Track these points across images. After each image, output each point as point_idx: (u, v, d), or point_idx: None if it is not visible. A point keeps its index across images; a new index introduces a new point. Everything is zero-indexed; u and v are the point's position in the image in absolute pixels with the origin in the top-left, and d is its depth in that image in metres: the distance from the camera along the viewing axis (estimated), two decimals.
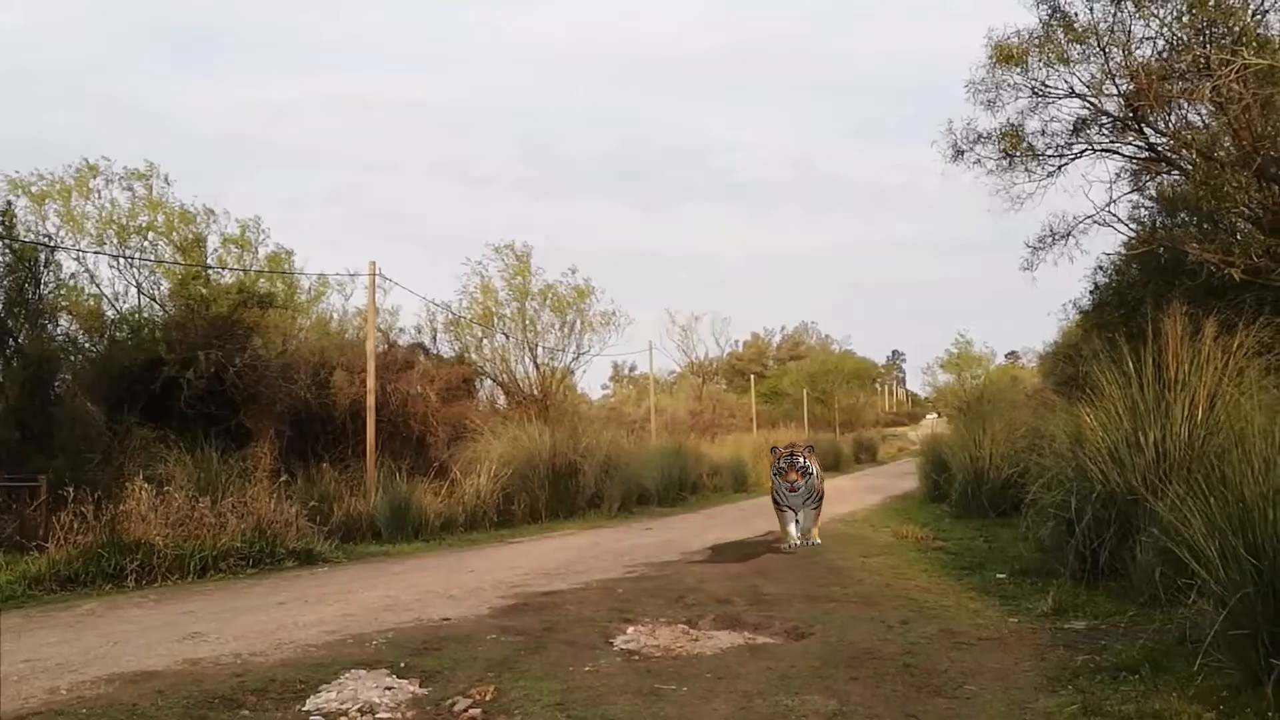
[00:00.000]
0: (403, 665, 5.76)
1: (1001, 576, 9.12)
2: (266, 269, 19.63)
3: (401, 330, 22.94)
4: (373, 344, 17.31)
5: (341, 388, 17.96)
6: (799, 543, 11.36)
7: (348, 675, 5.55)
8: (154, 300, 18.18)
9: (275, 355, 17.86)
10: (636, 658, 5.98)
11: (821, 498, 11.84)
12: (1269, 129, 12.38)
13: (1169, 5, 12.68)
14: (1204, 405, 7.69)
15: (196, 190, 45.05)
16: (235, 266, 19.12)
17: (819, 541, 11.49)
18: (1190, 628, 5.43)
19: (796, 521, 11.47)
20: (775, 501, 11.75)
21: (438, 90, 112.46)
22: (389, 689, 5.27)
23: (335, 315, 22.16)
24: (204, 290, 18.29)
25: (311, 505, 12.85)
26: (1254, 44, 11.35)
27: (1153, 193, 16.19)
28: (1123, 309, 15.61)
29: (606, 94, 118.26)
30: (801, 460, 11.33)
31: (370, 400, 16.66)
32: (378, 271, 17.53)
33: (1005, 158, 15.41)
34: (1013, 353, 70.92)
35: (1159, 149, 14.77)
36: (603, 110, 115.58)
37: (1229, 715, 4.36)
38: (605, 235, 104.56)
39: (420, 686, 5.34)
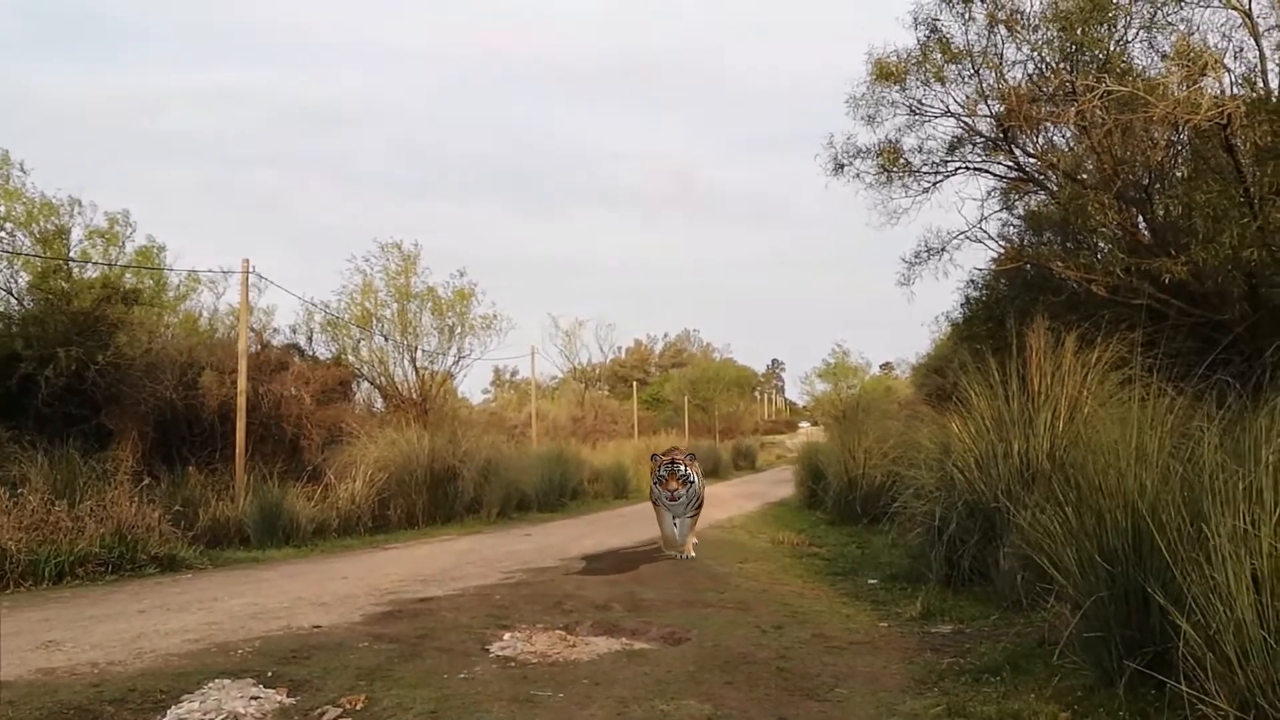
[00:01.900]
0: (270, 674, 5.59)
1: (873, 582, 9.35)
2: (134, 264, 18.85)
3: (276, 330, 22.28)
4: (244, 343, 16.79)
5: (210, 388, 17.36)
6: (684, 552, 11.10)
7: (211, 685, 5.35)
8: (10, 294, 17.29)
9: (140, 353, 17.16)
10: (513, 664, 5.92)
11: (700, 505, 11.54)
12: (1129, 154, 12.99)
13: (1039, 31, 13.20)
14: (1065, 417, 8.02)
15: (61, 182, 42.98)
16: (100, 260, 18.31)
17: (693, 555, 11.20)
18: (1049, 630, 5.64)
19: (676, 523, 11.14)
20: (655, 506, 11.37)
21: (321, 86, 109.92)
22: (255, 698, 5.11)
23: (205, 313, 21.46)
24: (65, 284, 17.47)
25: (176, 510, 12.37)
26: (1117, 71, 11.89)
27: (1021, 211, 16.84)
28: (991, 322, 16.13)
29: (496, 96, 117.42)
30: (682, 469, 10.96)
31: (241, 401, 16.16)
32: (251, 269, 17.05)
33: (883, 173, 15.78)
34: (887, 364, 72.46)
35: (1027, 169, 15.34)
36: (492, 113, 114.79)
37: (1084, 715, 4.54)
38: (493, 239, 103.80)
39: (288, 696, 5.18)
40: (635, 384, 55.81)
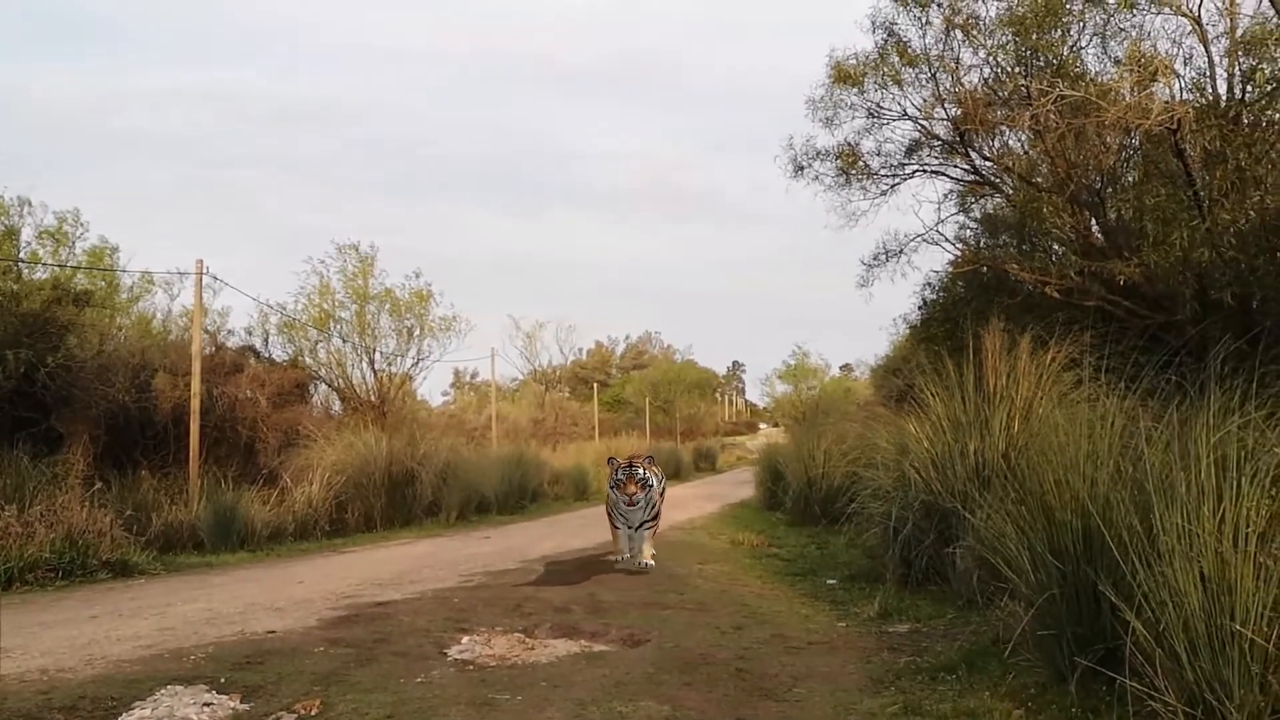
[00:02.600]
0: (223, 680, 5.52)
1: (832, 582, 9.40)
2: (85, 264, 18.56)
3: (230, 332, 21.99)
4: (198, 345, 16.57)
5: (163, 391, 17.10)
6: (631, 560, 10.52)
7: (164, 691, 5.28)
8: None
9: (92, 355, 16.86)
10: (471, 667, 5.89)
11: (658, 513, 10.97)
12: (1082, 157, 13.17)
13: (995, 35, 13.36)
14: (1019, 417, 8.11)
15: (38, 182, 42.19)
16: (50, 261, 18.00)
17: (653, 564, 10.55)
18: (1003, 629, 5.70)
19: (632, 537, 10.63)
20: (609, 516, 10.80)
21: (301, 85, 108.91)
22: (208, 705, 5.04)
23: (159, 315, 21.14)
24: (14, 286, 17.16)
25: (128, 514, 12.18)
26: (1070, 76, 12.06)
27: (977, 214, 17.03)
28: (948, 324, 16.30)
29: (473, 95, 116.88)
30: (641, 472, 10.41)
31: (195, 404, 15.95)
32: (206, 270, 16.85)
33: (842, 175, 15.92)
34: (847, 365, 73.08)
35: (983, 173, 15.52)
36: (461, 113, 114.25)
37: (1036, 712, 4.59)
38: (449, 238, 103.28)
39: (241, 702, 5.12)
40: (596, 386, 55.69)
